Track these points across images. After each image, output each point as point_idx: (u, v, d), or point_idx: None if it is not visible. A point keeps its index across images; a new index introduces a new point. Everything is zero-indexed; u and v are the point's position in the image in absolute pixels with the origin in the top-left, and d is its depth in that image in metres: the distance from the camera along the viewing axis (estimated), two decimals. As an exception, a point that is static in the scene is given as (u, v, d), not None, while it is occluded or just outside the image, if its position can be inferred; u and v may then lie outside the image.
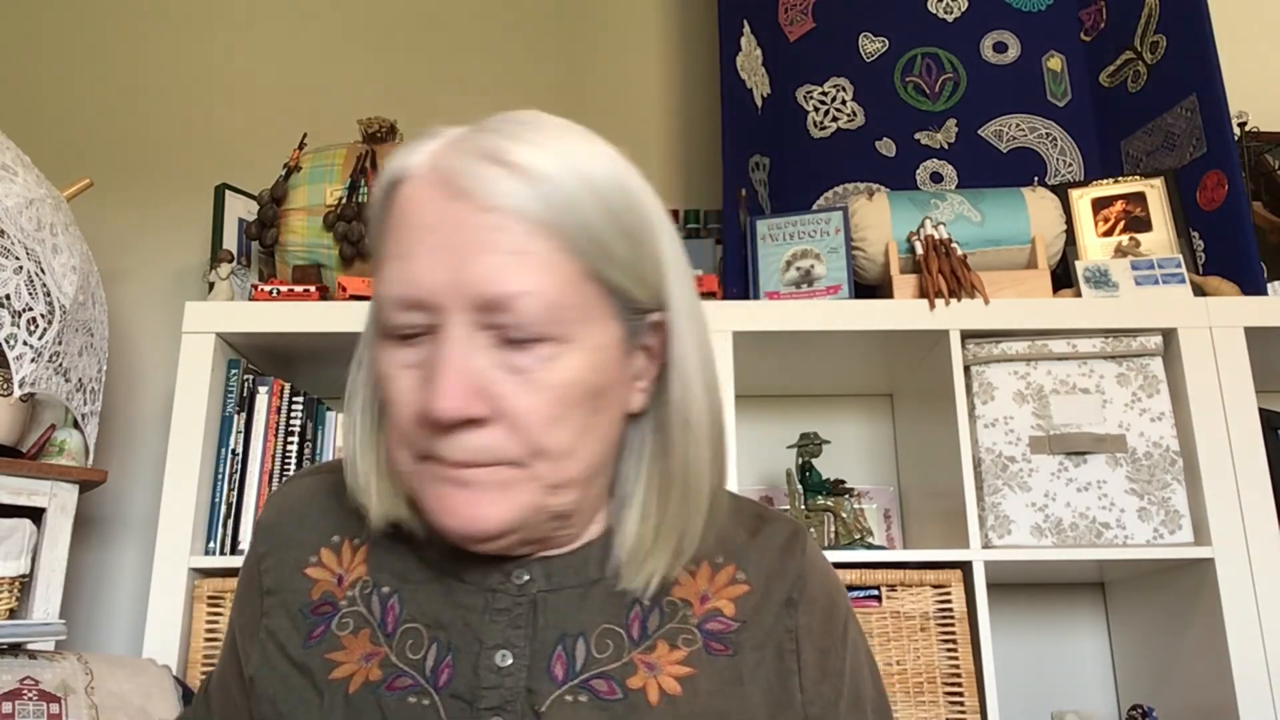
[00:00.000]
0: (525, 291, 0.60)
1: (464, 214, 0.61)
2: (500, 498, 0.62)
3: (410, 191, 0.64)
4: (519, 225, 0.60)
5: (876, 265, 1.74)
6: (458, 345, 0.60)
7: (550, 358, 0.61)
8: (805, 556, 0.72)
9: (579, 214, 0.62)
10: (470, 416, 0.60)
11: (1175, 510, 1.53)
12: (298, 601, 0.71)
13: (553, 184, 0.61)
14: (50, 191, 1.63)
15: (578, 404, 0.62)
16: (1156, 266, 1.67)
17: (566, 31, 2.24)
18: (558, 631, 0.66)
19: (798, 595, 0.70)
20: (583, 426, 0.63)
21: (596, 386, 0.63)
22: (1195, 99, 1.81)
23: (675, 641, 0.67)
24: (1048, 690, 1.79)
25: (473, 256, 0.60)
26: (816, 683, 0.69)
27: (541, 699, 0.64)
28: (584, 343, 0.62)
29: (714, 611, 0.69)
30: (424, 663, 0.66)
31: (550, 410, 0.61)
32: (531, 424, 0.61)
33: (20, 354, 1.47)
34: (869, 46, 2.13)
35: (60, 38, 2.22)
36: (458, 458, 0.61)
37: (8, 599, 1.50)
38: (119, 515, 1.92)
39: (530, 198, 0.60)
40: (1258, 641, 1.44)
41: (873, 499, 1.86)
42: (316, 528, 0.73)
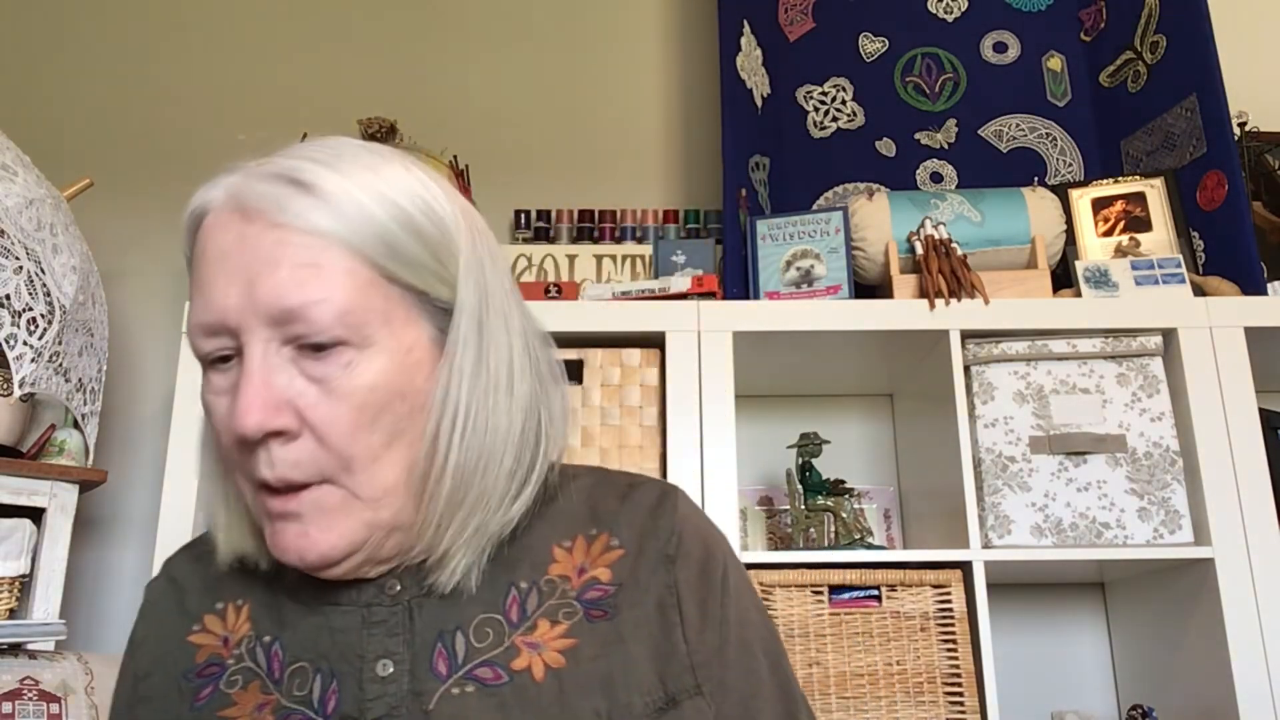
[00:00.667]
0: (315, 300, 0.62)
1: (254, 234, 0.63)
2: (328, 524, 0.64)
3: (209, 224, 0.66)
4: (307, 239, 0.62)
5: (876, 265, 1.74)
6: (258, 362, 0.62)
7: (349, 364, 0.63)
8: (678, 514, 0.73)
9: (368, 223, 0.64)
10: (273, 429, 0.62)
11: (1175, 510, 1.53)
12: (180, 669, 0.71)
13: (340, 196, 0.63)
14: (50, 191, 1.63)
15: (383, 408, 0.64)
16: (1156, 266, 1.67)
17: (566, 31, 2.24)
18: (435, 630, 0.68)
19: (673, 551, 0.71)
20: (392, 431, 0.64)
21: (405, 387, 0.65)
22: (1195, 99, 1.81)
23: (556, 617, 0.68)
24: (1048, 690, 1.79)
25: (264, 273, 0.62)
26: (699, 632, 0.69)
27: (428, 698, 0.65)
28: (385, 345, 0.64)
29: (592, 581, 0.70)
30: (311, 696, 0.67)
31: (352, 417, 0.63)
32: (335, 432, 0.63)
33: (20, 354, 1.47)
34: (869, 46, 2.13)
35: (60, 38, 2.22)
36: (277, 475, 0.63)
37: (8, 599, 1.50)
38: (119, 515, 1.92)
39: (318, 211, 0.63)
40: (1258, 641, 1.44)
41: (873, 499, 1.86)
42: (199, 598, 0.74)
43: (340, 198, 0.64)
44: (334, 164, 0.65)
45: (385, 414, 0.64)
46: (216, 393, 0.65)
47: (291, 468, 0.63)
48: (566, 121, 2.17)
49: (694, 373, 1.57)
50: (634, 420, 1.58)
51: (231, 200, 0.65)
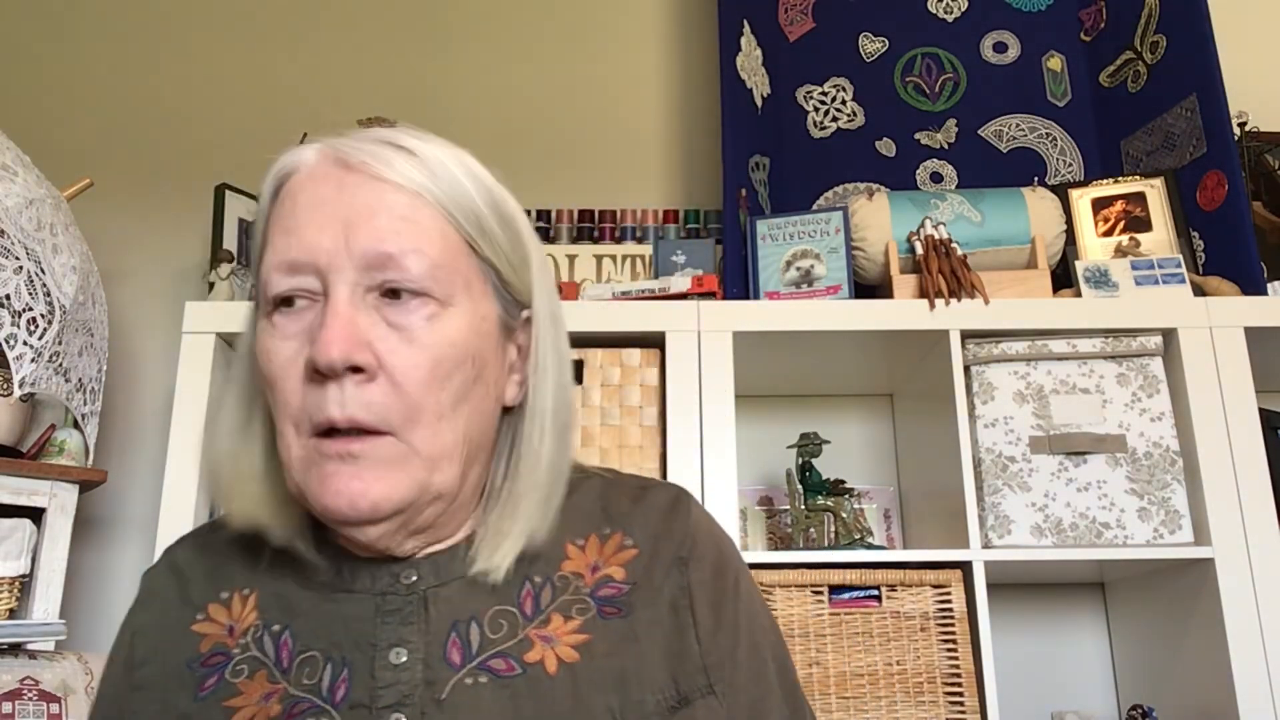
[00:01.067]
0: (412, 249, 0.64)
1: (354, 183, 0.65)
2: (384, 475, 0.64)
3: (300, 178, 0.68)
4: (406, 195, 0.66)
5: (876, 265, 1.74)
6: (344, 302, 0.63)
7: (431, 317, 0.65)
8: (691, 517, 0.74)
9: (461, 191, 0.67)
10: (355, 363, 0.62)
11: (1175, 510, 1.53)
12: (183, 658, 0.70)
13: (438, 163, 0.67)
14: (50, 191, 1.63)
15: (457, 366, 0.65)
16: (1156, 266, 1.67)
17: (567, 32, 2.24)
18: (450, 620, 0.68)
19: (687, 553, 0.72)
20: (460, 393, 0.66)
21: (476, 354, 0.67)
22: (1195, 99, 1.81)
23: (569, 612, 0.69)
24: (1048, 690, 1.79)
25: (363, 219, 0.64)
26: (712, 634, 0.70)
27: (441, 687, 0.65)
28: (464, 308, 0.66)
29: (605, 578, 0.71)
30: (320, 684, 0.67)
31: (429, 367, 0.64)
32: (411, 380, 0.64)
33: (20, 354, 1.47)
34: (869, 46, 2.13)
35: (60, 38, 2.22)
36: (347, 414, 0.63)
37: (8, 599, 1.50)
38: (119, 515, 1.92)
39: (418, 171, 0.66)
40: (1258, 641, 1.44)
41: (873, 499, 1.86)
42: (203, 586, 0.74)
43: (437, 164, 0.67)
44: (428, 139, 0.69)
45: (457, 373, 0.65)
46: (283, 336, 0.65)
47: (363, 408, 0.63)
48: (566, 121, 2.17)
49: (694, 373, 1.57)
50: (634, 420, 1.58)
51: (330, 156, 0.67)
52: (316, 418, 0.63)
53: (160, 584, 0.76)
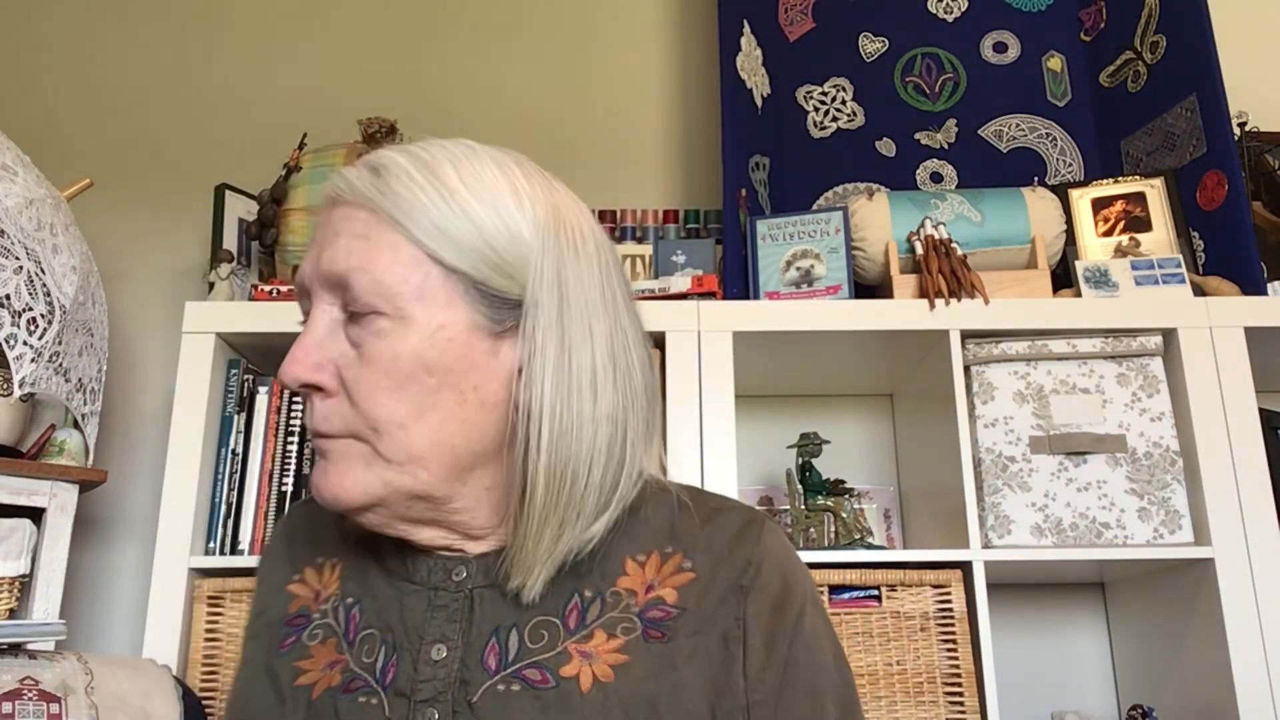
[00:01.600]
0: (357, 267, 0.66)
1: (332, 211, 0.69)
2: (350, 470, 0.67)
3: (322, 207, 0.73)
4: (363, 213, 0.67)
5: (876, 265, 1.74)
6: (314, 322, 0.68)
7: (379, 333, 0.66)
8: (760, 545, 0.71)
9: (415, 202, 0.67)
10: (308, 383, 0.67)
11: (1175, 510, 1.53)
12: (277, 615, 0.76)
13: (400, 177, 0.67)
14: (50, 191, 1.63)
15: (409, 378, 0.66)
16: (1156, 266, 1.67)
17: (567, 31, 2.24)
18: (492, 624, 0.69)
19: (748, 582, 0.70)
20: (421, 403, 0.66)
21: (433, 364, 0.66)
22: (1195, 99, 1.81)
23: (614, 630, 0.68)
24: (1048, 690, 1.79)
25: (328, 243, 0.68)
26: (760, 669, 0.68)
27: (474, 689, 0.66)
28: (418, 321, 0.66)
29: (656, 600, 0.69)
30: (375, 665, 0.69)
31: (377, 381, 0.66)
32: (361, 395, 0.66)
33: (20, 354, 1.47)
34: (869, 46, 2.13)
35: (61, 38, 2.22)
36: (313, 427, 0.69)
37: (8, 599, 1.50)
38: (119, 515, 1.92)
39: (374, 189, 0.67)
40: (1258, 641, 1.44)
41: (873, 499, 1.86)
42: (305, 550, 0.79)
43: (398, 179, 0.67)
44: (420, 154, 0.69)
45: (412, 384, 0.66)
46: None
47: (323, 421, 0.68)
48: (566, 121, 2.17)
49: (694, 373, 1.57)
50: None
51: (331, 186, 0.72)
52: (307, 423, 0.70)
53: (275, 542, 0.82)
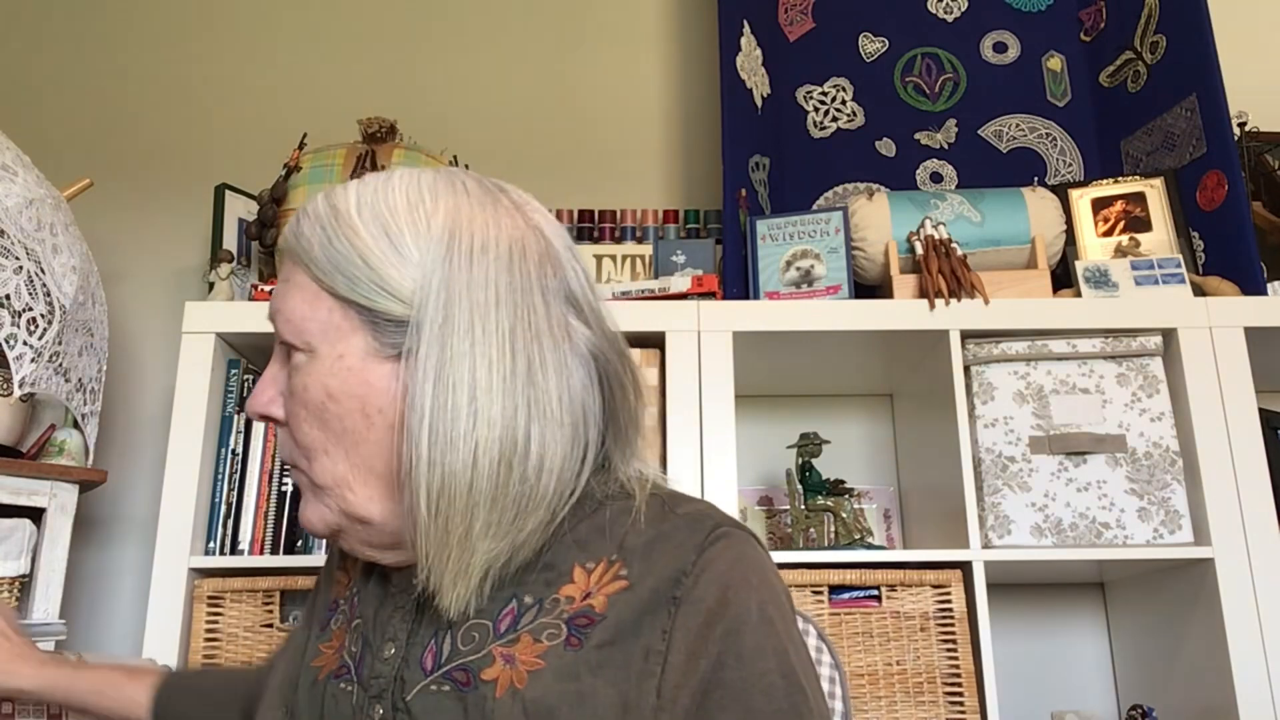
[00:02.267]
0: (277, 310, 0.73)
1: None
2: (309, 501, 0.74)
3: None
4: (288, 260, 0.74)
5: (876, 265, 1.74)
6: (273, 359, 0.75)
7: (298, 367, 0.72)
8: (703, 555, 0.66)
9: (311, 240, 0.71)
10: (266, 414, 0.74)
11: (1175, 510, 1.53)
12: (325, 600, 0.83)
13: (310, 219, 0.72)
14: (50, 191, 1.63)
15: (320, 408, 0.70)
16: (1156, 266, 1.67)
17: (567, 31, 2.24)
18: (433, 627, 0.71)
19: (681, 594, 0.65)
20: (334, 430, 0.70)
21: (337, 392, 0.69)
22: (1195, 99, 1.81)
23: (540, 636, 0.66)
24: (1048, 690, 1.79)
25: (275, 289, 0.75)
26: (675, 688, 0.63)
27: (410, 688, 0.69)
28: (322, 353, 0.70)
29: (587, 608, 0.66)
30: (357, 655, 0.75)
31: (298, 411, 0.72)
32: (293, 425, 0.72)
33: (20, 354, 1.47)
34: (869, 46, 2.13)
35: (60, 38, 2.22)
36: (282, 456, 0.76)
37: (8, 599, 1.50)
38: (119, 515, 1.92)
39: (294, 235, 0.73)
40: (1258, 641, 1.44)
41: (873, 499, 1.86)
42: None
43: (309, 220, 0.72)
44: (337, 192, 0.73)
45: (322, 413, 0.70)
46: None
47: (280, 448, 0.76)
48: (566, 121, 2.17)
49: (694, 373, 1.57)
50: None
51: None
52: None
53: None
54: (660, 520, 0.69)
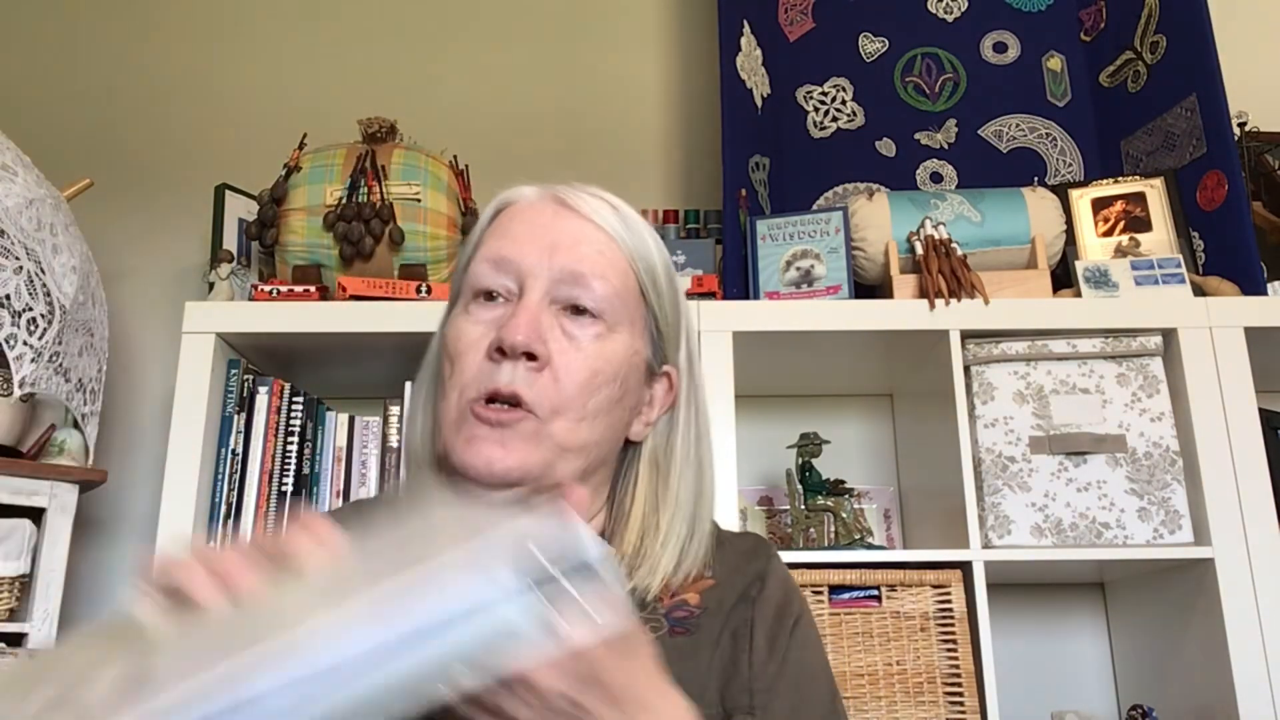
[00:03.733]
0: (599, 275, 0.77)
1: (565, 219, 0.79)
2: (520, 447, 0.73)
3: (520, 205, 0.81)
4: (604, 236, 0.79)
5: (876, 265, 1.74)
6: (535, 302, 0.75)
7: (598, 335, 0.76)
8: (768, 563, 0.83)
9: (645, 246, 0.81)
10: (532, 349, 0.73)
11: (1175, 510, 1.53)
12: None
13: (633, 220, 0.82)
14: (50, 191, 1.63)
15: (607, 381, 0.76)
16: (1156, 266, 1.67)
17: (567, 31, 2.24)
18: None
19: (755, 593, 0.80)
20: (602, 404, 0.76)
21: (624, 378, 0.77)
22: (1195, 99, 1.81)
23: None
24: (1048, 690, 1.79)
25: (566, 243, 0.77)
26: (764, 662, 0.77)
27: None
28: (624, 338, 0.78)
29: (681, 603, 0.79)
30: None
31: (585, 374, 0.75)
32: (569, 378, 0.74)
33: (20, 354, 1.47)
34: (869, 46, 2.13)
35: (60, 38, 2.22)
36: (512, 386, 0.73)
37: (8, 599, 1.50)
38: (119, 515, 1.92)
39: (617, 221, 0.80)
40: (1258, 641, 1.44)
41: (873, 499, 1.86)
42: None
43: (632, 220, 0.82)
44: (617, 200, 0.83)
45: (605, 387, 0.76)
46: (476, 321, 0.77)
47: (526, 385, 0.73)
48: (566, 121, 2.17)
49: (694, 373, 1.57)
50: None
51: (549, 195, 0.81)
52: (485, 385, 0.74)
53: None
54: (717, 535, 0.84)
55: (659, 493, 0.81)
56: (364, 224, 1.67)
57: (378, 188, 1.70)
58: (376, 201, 1.68)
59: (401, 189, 1.71)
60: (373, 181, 1.70)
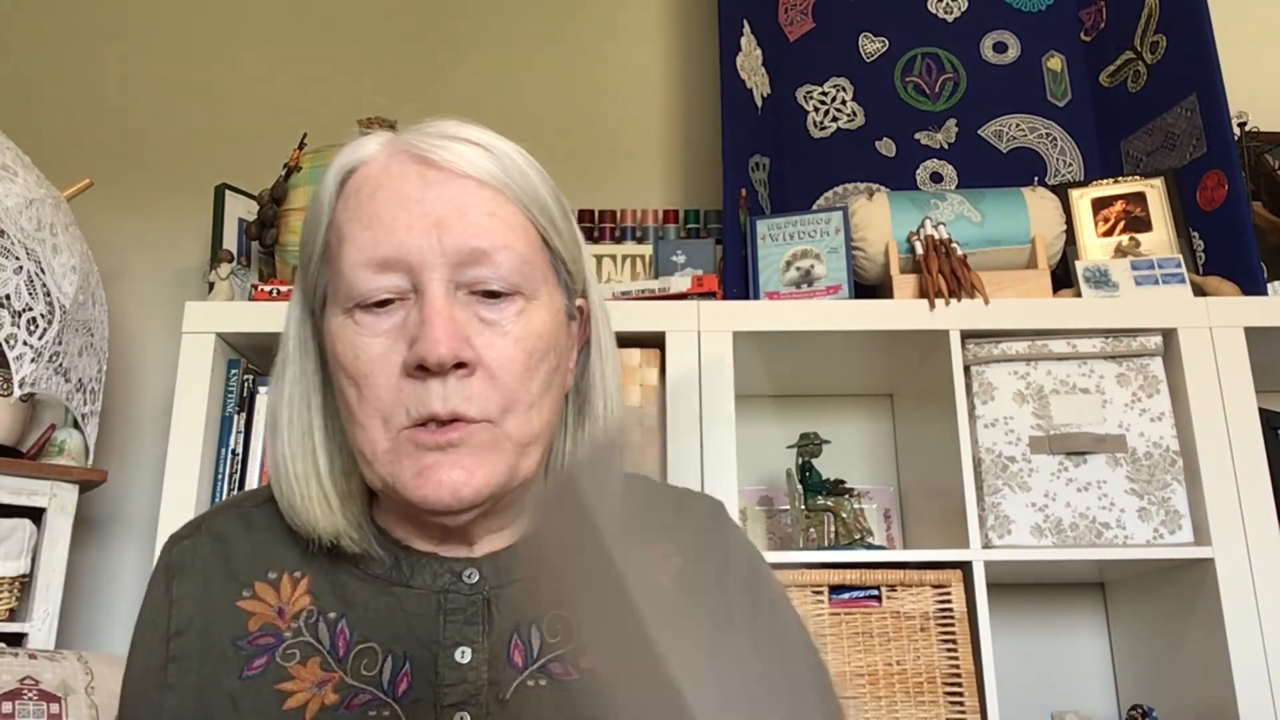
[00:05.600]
0: (502, 245, 0.65)
1: (440, 181, 0.66)
2: (483, 460, 0.65)
3: (373, 173, 0.68)
4: (489, 191, 0.67)
5: (876, 265, 1.74)
6: (442, 299, 0.64)
7: (520, 312, 0.66)
8: (728, 532, 0.77)
9: (532, 185, 0.69)
10: (462, 359, 0.63)
11: (1175, 510, 1.53)
12: (228, 634, 0.69)
13: (508, 158, 0.68)
14: (50, 191, 1.63)
15: (543, 357, 0.67)
16: (1156, 266, 1.67)
17: (566, 31, 2.24)
18: (512, 623, 0.69)
19: (725, 563, 0.74)
20: (545, 382, 0.68)
21: (555, 344, 0.69)
22: (1195, 99, 1.81)
23: None
24: (1048, 690, 1.79)
25: (454, 217, 0.65)
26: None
27: (505, 688, 0.67)
28: (544, 302, 0.68)
29: None
30: (380, 677, 0.67)
31: (522, 360, 0.66)
32: (507, 373, 0.65)
33: (20, 354, 1.47)
34: (869, 46, 2.13)
35: (60, 38, 2.22)
36: (450, 407, 0.63)
37: (8, 599, 1.50)
38: (119, 515, 1.92)
39: (495, 167, 0.67)
40: (1258, 641, 1.44)
41: (873, 499, 1.86)
42: (248, 564, 0.72)
43: (508, 160, 0.68)
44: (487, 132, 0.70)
45: (543, 364, 0.67)
46: (372, 333, 0.65)
47: (464, 401, 0.64)
48: (566, 121, 2.17)
49: (694, 373, 1.57)
50: (634, 420, 1.58)
51: (403, 151, 0.68)
52: (418, 411, 0.64)
53: (203, 554, 0.72)
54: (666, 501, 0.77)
55: (585, 431, 0.74)
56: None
57: (378, 188, 1.70)
58: (376, 201, 1.68)
59: (401, 189, 1.71)
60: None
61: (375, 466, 0.66)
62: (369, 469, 0.67)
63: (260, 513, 0.74)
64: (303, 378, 0.72)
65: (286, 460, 0.70)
